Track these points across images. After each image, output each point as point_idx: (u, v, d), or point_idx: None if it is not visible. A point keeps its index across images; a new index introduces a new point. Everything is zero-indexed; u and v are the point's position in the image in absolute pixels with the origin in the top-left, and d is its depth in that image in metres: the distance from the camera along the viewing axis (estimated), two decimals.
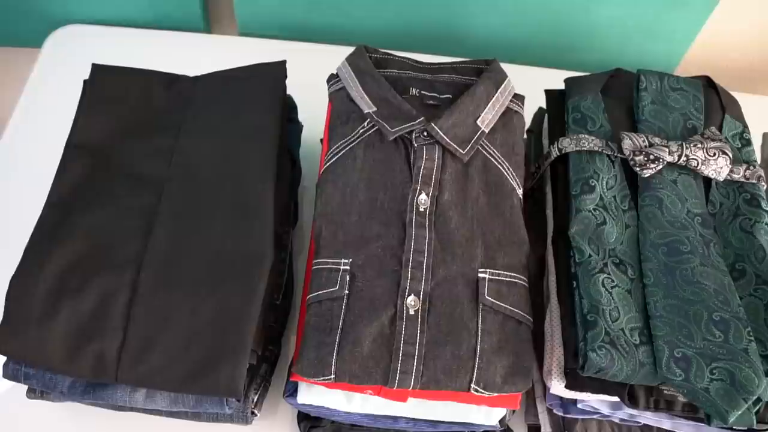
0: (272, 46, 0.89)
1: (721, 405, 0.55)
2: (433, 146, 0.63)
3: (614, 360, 0.56)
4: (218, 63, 0.75)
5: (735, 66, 1.00)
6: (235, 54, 0.81)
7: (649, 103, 0.70)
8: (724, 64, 1.00)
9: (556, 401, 0.63)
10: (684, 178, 0.66)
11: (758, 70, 1.01)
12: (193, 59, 0.83)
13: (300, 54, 0.83)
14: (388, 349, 0.56)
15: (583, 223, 0.63)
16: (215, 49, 0.88)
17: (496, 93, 0.67)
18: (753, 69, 1.01)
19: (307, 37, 0.89)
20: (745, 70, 1.01)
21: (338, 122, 0.66)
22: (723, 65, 1.00)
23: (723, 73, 1.00)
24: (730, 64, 0.99)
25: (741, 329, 0.58)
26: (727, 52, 0.98)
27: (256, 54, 0.76)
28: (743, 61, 0.99)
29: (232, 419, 0.63)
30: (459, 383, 0.56)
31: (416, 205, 0.61)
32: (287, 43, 0.89)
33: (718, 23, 0.91)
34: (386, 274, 0.59)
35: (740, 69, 1.00)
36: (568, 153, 0.67)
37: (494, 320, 0.59)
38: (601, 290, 0.59)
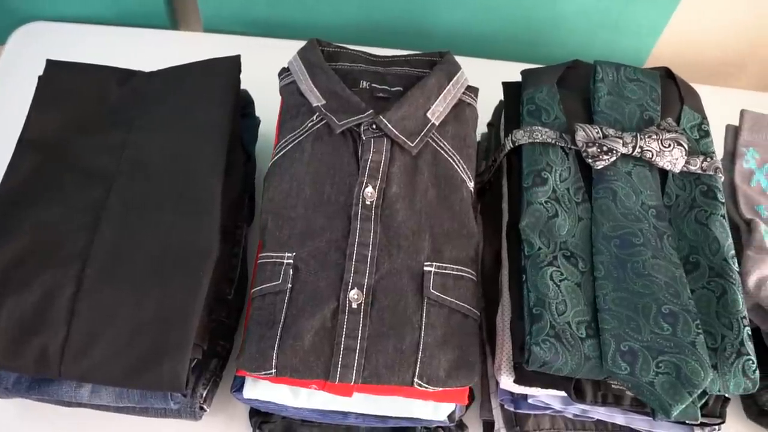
0: (237, 42, 0.89)
1: (665, 398, 0.54)
2: (381, 139, 0.63)
3: (559, 354, 0.55)
4: (183, 59, 0.74)
5: (707, 60, 0.99)
6: (199, 50, 0.80)
7: (605, 95, 0.69)
8: (696, 59, 0.98)
9: (507, 396, 0.62)
10: (639, 170, 0.65)
11: (732, 64, 1.00)
12: (158, 56, 0.82)
13: (264, 50, 0.83)
14: (330, 343, 0.56)
15: (534, 215, 0.62)
16: (180, 45, 0.88)
17: (448, 85, 0.66)
18: (726, 63, 0.99)
19: (272, 32, 0.89)
20: (719, 65, 1.00)
21: (288, 116, 0.66)
22: (695, 59, 0.98)
23: (695, 67, 0.99)
24: (702, 58, 0.98)
25: (690, 322, 0.57)
26: (698, 46, 0.97)
27: (221, 50, 0.75)
28: (715, 55, 0.98)
29: (180, 414, 0.62)
30: (402, 377, 0.56)
31: (362, 198, 0.61)
32: (252, 39, 0.89)
33: (686, 17, 0.90)
34: (330, 268, 0.58)
35: (713, 63, 0.99)
36: (522, 145, 0.67)
37: (439, 314, 0.58)
38: (548, 283, 0.59)
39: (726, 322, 0.59)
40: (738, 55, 0.98)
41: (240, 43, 0.88)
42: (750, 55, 0.98)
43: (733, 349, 0.58)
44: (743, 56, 0.99)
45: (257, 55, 0.79)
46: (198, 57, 0.74)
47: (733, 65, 1.00)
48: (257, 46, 0.85)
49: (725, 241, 0.63)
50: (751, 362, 0.57)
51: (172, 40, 0.89)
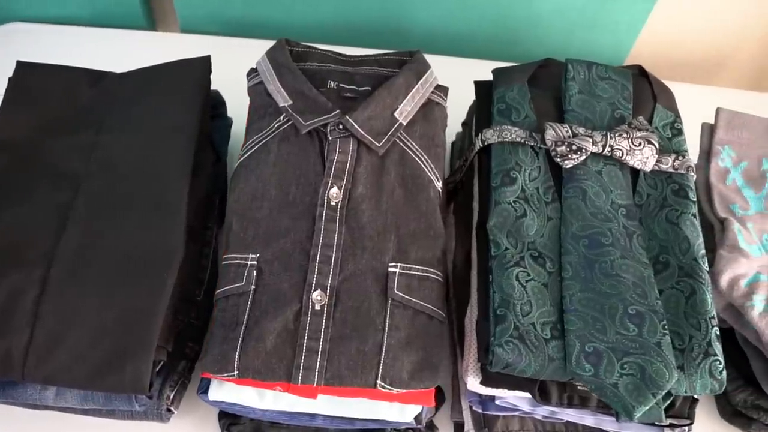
0: (214, 42, 0.89)
1: (629, 400, 0.53)
2: (347, 139, 0.62)
3: (522, 355, 0.55)
4: (159, 60, 0.74)
5: (688, 58, 0.98)
6: (176, 51, 0.80)
7: (576, 93, 0.68)
8: (677, 57, 0.98)
9: (475, 398, 0.62)
10: (610, 169, 0.65)
11: (713, 62, 0.99)
12: (135, 57, 0.82)
13: (241, 50, 0.82)
14: (292, 344, 0.56)
15: (501, 215, 0.62)
16: (156, 46, 0.88)
17: (417, 84, 0.66)
18: (707, 61, 0.99)
19: (249, 33, 0.89)
20: (700, 63, 0.99)
21: (256, 117, 0.66)
22: (675, 57, 0.98)
23: (676, 65, 0.99)
24: (683, 56, 0.97)
25: (656, 323, 0.56)
26: (678, 44, 0.96)
27: (197, 51, 0.75)
28: (696, 53, 0.97)
29: (147, 416, 0.62)
30: (364, 379, 0.55)
31: (327, 199, 0.60)
32: (229, 40, 0.89)
33: (665, 15, 0.90)
34: (294, 269, 0.58)
35: (693, 61, 0.98)
36: (491, 144, 0.66)
37: (403, 315, 0.57)
38: (514, 284, 0.58)
39: (694, 322, 0.58)
40: (719, 53, 0.98)
41: (217, 44, 0.88)
42: (731, 53, 0.98)
43: (701, 349, 0.57)
44: (724, 54, 0.98)
45: (234, 56, 0.79)
46: (174, 57, 0.73)
47: (714, 63, 0.99)
48: (234, 47, 0.85)
49: (696, 241, 0.62)
50: (718, 363, 0.57)
51: (149, 41, 0.89)
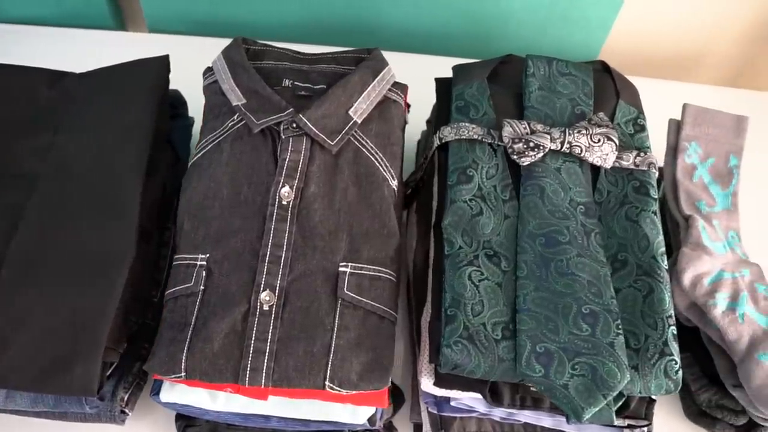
0: (182, 42, 0.88)
1: (578, 401, 0.52)
2: (300, 138, 0.62)
3: (471, 356, 0.54)
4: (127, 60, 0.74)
5: (662, 54, 0.97)
6: (144, 51, 0.79)
7: (536, 89, 0.67)
8: (651, 52, 0.96)
9: (430, 399, 0.61)
10: (569, 166, 0.64)
11: (688, 58, 0.98)
12: (102, 57, 0.82)
13: (208, 49, 0.81)
14: (239, 345, 0.55)
15: (456, 214, 0.61)
16: (125, 46, 0.87)
17: (373, 82, 0.65)
18: (682, 57, 0.97)
19: (217, 32, 0.88)
20: (675, 59, 0.98)
21: (210, 116, 0.65)
22: (649, 53, 0.96)
23: (650, 61, 0.97)
24: (657, 52, 0.96)
25: (610, 322, 0.55)
26: (652, 39, 0.95)
27: (165, 50, 0.74)
28: (670, 49, 0.96)
29: (100, 418, 0.62)
30: (312, 381, 0.54)
31: (278, 198, 0.59)
32: (197, 39, 0.88)
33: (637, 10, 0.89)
34: (243, 269, 0.57)
35: (668, 57, 0.97)
36: (449, 142, 0.65)
37: (353, 315, 0.57)
38: (466, 283, 0.57)
39: (651, 321, 0.57)
40: (694, 49, 0.96)
41: (185, 43, 0.88)
42: (705, 48, 0.96)
43: (656, 349, 0.56)
44: (699, 50, 0.96)
45: (201, 55, 0.78)
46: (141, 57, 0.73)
47: (689, 59, 0.98)
48: (202, 46, 0.84)
49: (655, 239, 0.61)
50: (674, 363, 0.56)
51: (116, 41, 0.88)
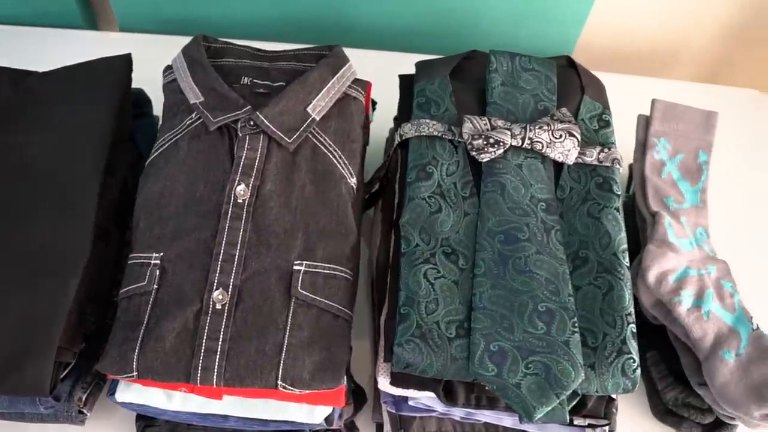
0: (153, 40, 0.88)
1: (530, 401, 0.52)
2: (257, 135, 0.61)
3: (423, 354, 0.53)
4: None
5: (639, 49, 0.96)
6: (114, 50, 0.79)
7: (498, 85, 0.66)
8: (627, 48, 0.95)
9: (389, 398, 0.60)
10: (531, 162, 0.63)
11: (665, 53, 0.97)
12: (74, 56, 0.81)
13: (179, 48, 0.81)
14: (191, 344, 0.54)
15: (415, 211, 0.61)
16: (95, 45, 0.87)
17: (333, 79, 0.64)
18: (659, 52, 0.96)
19: (189, 31, 0.88)
20: (651, 54, 0.97)
21: (169, 115, 0.65)
22: (626, 48, 0.96)
23: (627, 56, 0.96)
24: (633, 47, 0.95)
25: (566, 320, 0.55)
26: (628, 34, 0.94)
27: (135, 49, 0.74)
28: (647, 44, 0.95)
29: (58, 419, 0.61)
30: (264, 380, 0.54)
31: (234, 197, 0.59)
32: (168, 38, 0.88)
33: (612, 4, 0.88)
34: (196, 268, 0.57)
35: (645, 52, 0.96)
36: (409, 139, 0.65)
37: (307, 314, 0.56)
38: (421, 281, 0.57)
39: (609, 319, 0.57)
40: (670, 45, 0.95)
41: (156, 42, 0.87)
42: (682, 44, 0.95)
43: (614, 347, 0.55)
44: (675, 46, 0.95)
45: (173, 54, 0.78)
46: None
47: (667, 54, 0.97)
48: (174, 45, 0.83)
49: (617, 236, 0.60)
50: (632, 361, 0.55)
51: (88, 41, 0.88)
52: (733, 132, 0.88)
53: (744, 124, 0.89)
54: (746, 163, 0.86)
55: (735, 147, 0.87)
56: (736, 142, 0.88)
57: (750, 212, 0.82)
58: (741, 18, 0.92)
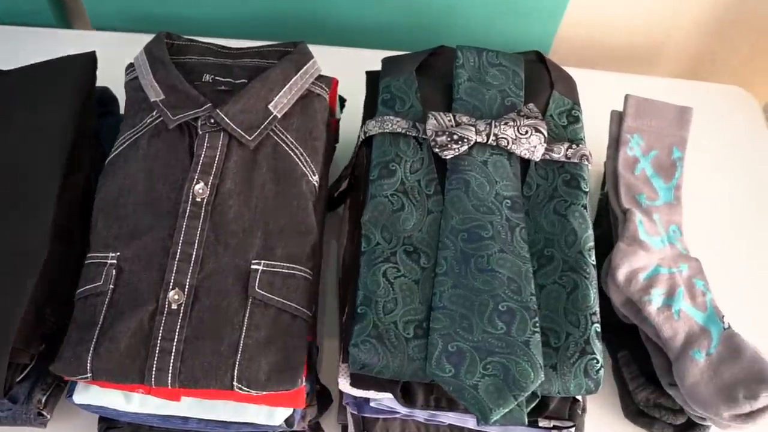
0: (125, 38, 0.87)
1: (486, 402, 0.50)
2: (217, 133, 0.60)
3: (379, 355, 0.52)
4: None
5: (620, 45, 0.94)
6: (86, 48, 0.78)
7: (465, 81, 0.65)
8: (608, 43, 0.94)
9: (351, 400, 0.59)
10: (496, 159, 0.62)
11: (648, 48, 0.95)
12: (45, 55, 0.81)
13: None
14: (146, 345, 0.54)
15: (377, 209, 0.59)
16: (67, 44, 0.86)
17: (296, 76, 0.63)
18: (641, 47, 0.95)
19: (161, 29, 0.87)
20: (634, 49, 0.95)
21: (130, 113, 0.64)
22: (606, 44, 0.94)
23: (609, 52, 0.95)
24: (614, 42, 0.94)
25: (527, 320, 0.54)
26: (608, 30, 0.93)
27: (107, 47, 0.74)
28: (628, 39, 0.94)
29: (16, 421, 0.61)
30: (220, 381, 0.53)
31: (192, 195, 0.58)
32: (141, 36, 0.87)
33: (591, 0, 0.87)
34: (153, 268, 0.56)
35: (626, 48, 0.95)
36: (373, 136, 0.64)
37: (264, 314, 0.55)
38: (380, 281, 0.56)
39: (573, 319, 0.55)
40: (652, 40, 0.94)
41: (129, 40, 0.86)
42: (664, 39, 0.94)
43: (577, 347, 0.54)
44: (657, 40, 0.94)
45: None
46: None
47: (648, 50, 0.95)
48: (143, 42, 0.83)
49: (583, 233, 0.59)
50: (595, 362, 0.54)
51: (60, 39, 0.87)
52: (713, 129, 0.87)
53: (724, 121, 0.88)
54: (727, 161, 0.85)
55: (715, 144, 0.86)
56: (716, 138, 0.86)
57: (729, 209, 0.81)
58: (722, 13, 0.91)
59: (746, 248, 0.78)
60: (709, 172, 0.83)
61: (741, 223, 0.80)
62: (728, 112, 0.88)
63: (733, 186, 0.83)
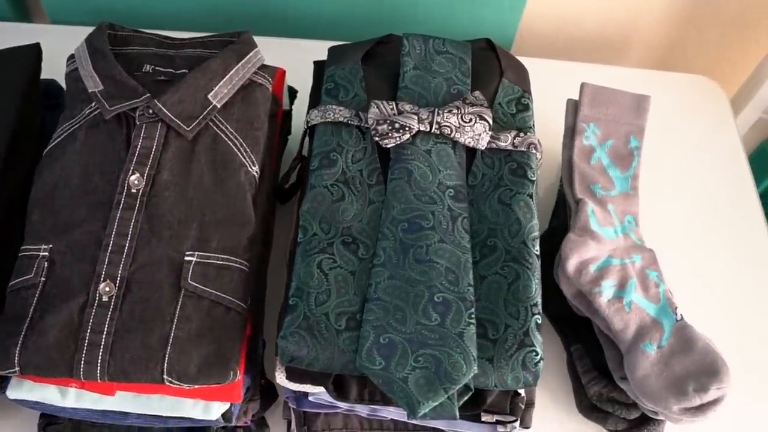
0: (82, 32, 0.85)
1: (416, 396, 0.49)
2: (155, 124, 0.59)
3: (308, 347, 0.51)
4: None
5: (587, 35, 0.93)
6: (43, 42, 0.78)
7: (411, 69, 0.64)
8: (574, 33, 0.92)
9: (290, 394, 0.58)
10: (441, 148, 0.61)
11: (615, 38, 0.93)
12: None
13: None
14: (75, 338, 0.53)
15: (316, 200, 0.58)
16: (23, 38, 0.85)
17: (237, 65, 0.62)
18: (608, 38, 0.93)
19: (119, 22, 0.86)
20: (601, 40, 0.93)
21: (70, 104, 0.63)
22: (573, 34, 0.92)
23: (576, 43, 0.93)
24: (581, 33, 0.92)
25: (462, 311, 0.52)
26: (574, 20, 0.91)
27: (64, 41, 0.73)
28: (595, 29, 0.92)
29: None
30: (150, 374, 0.52)
31: (127, 186, 0.57)
32: None
33: None
34: (85, 260, 0.55)
35: (593, 38, 0.93)
36: (316, 125, 0.63)
37: (196, 306, 0.54)
38: (314, 272, 0.54)
39: (513, 310, 0.54)
40: (620, 29, 0.92)
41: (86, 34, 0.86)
42: (632, 28, 0.92)
43: (516, 340, 0.53)
44: (625, 30, 0.92)
45: None
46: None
47: (617, 40, 0.93)
48: None
49: (528, 223, 0.58)
50: (534, 354, 0.52)
51: (17, 33, 0.86)
52: (680, 119, 0.85)
53: (691, 112, 0.86)
54: (693, 151, 0.83)
55: (681, 134, 0.84)
56: (682, 129, 0.84)
57: (694, 200, 0.79)
58: (690, 3, 0.89)
59: (711, 239, 0.77)
60: (675, 162, 0.82)
61: (706, 214, 0.78)
62: (695, 102, 0.86)
63: (699, 177, 0.81)
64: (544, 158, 0.80)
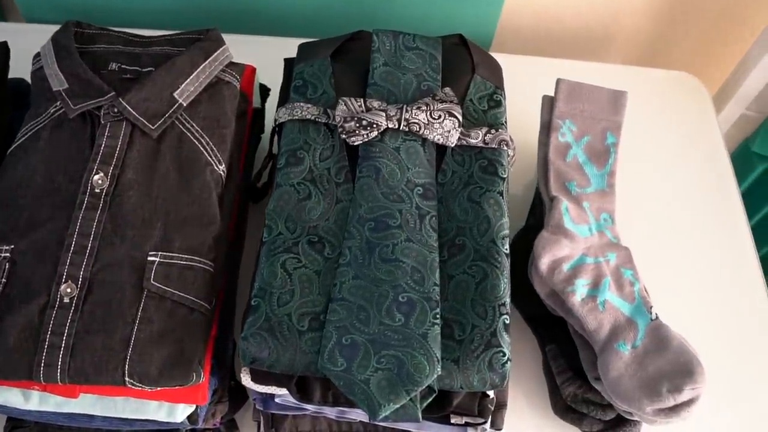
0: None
1: (377, 397, 0.48)
2: (120, 122, 0.59)
3: (270, 349, 0.50)
4: None
5: (568, 31, 0.91)
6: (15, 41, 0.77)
7: (380, 65, 0.63)
8: (555, 30, 0.91)
9: (257, 396, 0.57)
10: (410, 145, 0.60)
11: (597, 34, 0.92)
12: None
13: None
14: (35, 340, 0.52)
15: (282, 199, 0.57)
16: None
17: (204, 63, 0.62)
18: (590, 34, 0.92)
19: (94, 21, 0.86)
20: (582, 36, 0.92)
21: (35, 103, 0.62)
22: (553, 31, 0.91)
23: (557, 39, 0.92)
24: (562, 29, 0.91)
25: (427, 311, 0.51)
26: (554, 15, 0.90)
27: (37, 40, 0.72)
28: (576, 25, 0.91)
29: None
30: (111, 376, 0.51)
31: (91, 186, 0.56)
32: None
33: None
34: (47, 261, 0.54)
35: (574, 34, 0.92)
36: (283, 123, 0.62)
37: (159, 307, 0.53)
38: (277, 272, 0.53)
39: (480, 310, 0.53)
40: (602, 25, 0.91)
41: None
42: (614, 24, 0.91)
43: (482, 340, 0.52)
44: (608, 26, 0.91)
45: None
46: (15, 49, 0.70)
47: (598, 37, 0.92)
48: None
49: (497, 221, 0.57)
50: (501, 355, 0.51)
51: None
52: (662, 116, 0.84)
53: (673, 108, 0.85)
54: (675, 148, 0.82)
55: (663, 131, 0.83)
56: (665, 126, 0.83)
57: (675, 198, 0.78)
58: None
59: (691, 238, 0.75)
60: (656, 160, 0.81)
61: (686, 212, 0.77)
62: (677, 99, 0.85)
63: (680, 174, 0.80)
64: (523, 156, 0.79)
